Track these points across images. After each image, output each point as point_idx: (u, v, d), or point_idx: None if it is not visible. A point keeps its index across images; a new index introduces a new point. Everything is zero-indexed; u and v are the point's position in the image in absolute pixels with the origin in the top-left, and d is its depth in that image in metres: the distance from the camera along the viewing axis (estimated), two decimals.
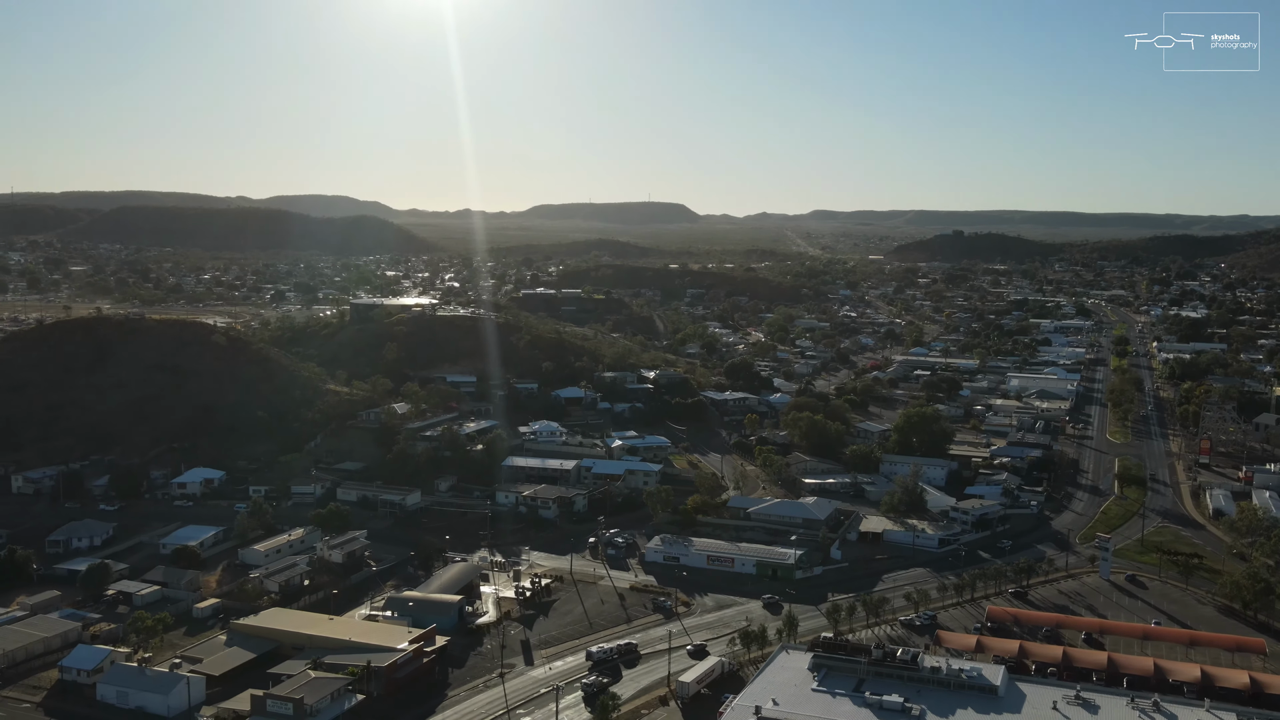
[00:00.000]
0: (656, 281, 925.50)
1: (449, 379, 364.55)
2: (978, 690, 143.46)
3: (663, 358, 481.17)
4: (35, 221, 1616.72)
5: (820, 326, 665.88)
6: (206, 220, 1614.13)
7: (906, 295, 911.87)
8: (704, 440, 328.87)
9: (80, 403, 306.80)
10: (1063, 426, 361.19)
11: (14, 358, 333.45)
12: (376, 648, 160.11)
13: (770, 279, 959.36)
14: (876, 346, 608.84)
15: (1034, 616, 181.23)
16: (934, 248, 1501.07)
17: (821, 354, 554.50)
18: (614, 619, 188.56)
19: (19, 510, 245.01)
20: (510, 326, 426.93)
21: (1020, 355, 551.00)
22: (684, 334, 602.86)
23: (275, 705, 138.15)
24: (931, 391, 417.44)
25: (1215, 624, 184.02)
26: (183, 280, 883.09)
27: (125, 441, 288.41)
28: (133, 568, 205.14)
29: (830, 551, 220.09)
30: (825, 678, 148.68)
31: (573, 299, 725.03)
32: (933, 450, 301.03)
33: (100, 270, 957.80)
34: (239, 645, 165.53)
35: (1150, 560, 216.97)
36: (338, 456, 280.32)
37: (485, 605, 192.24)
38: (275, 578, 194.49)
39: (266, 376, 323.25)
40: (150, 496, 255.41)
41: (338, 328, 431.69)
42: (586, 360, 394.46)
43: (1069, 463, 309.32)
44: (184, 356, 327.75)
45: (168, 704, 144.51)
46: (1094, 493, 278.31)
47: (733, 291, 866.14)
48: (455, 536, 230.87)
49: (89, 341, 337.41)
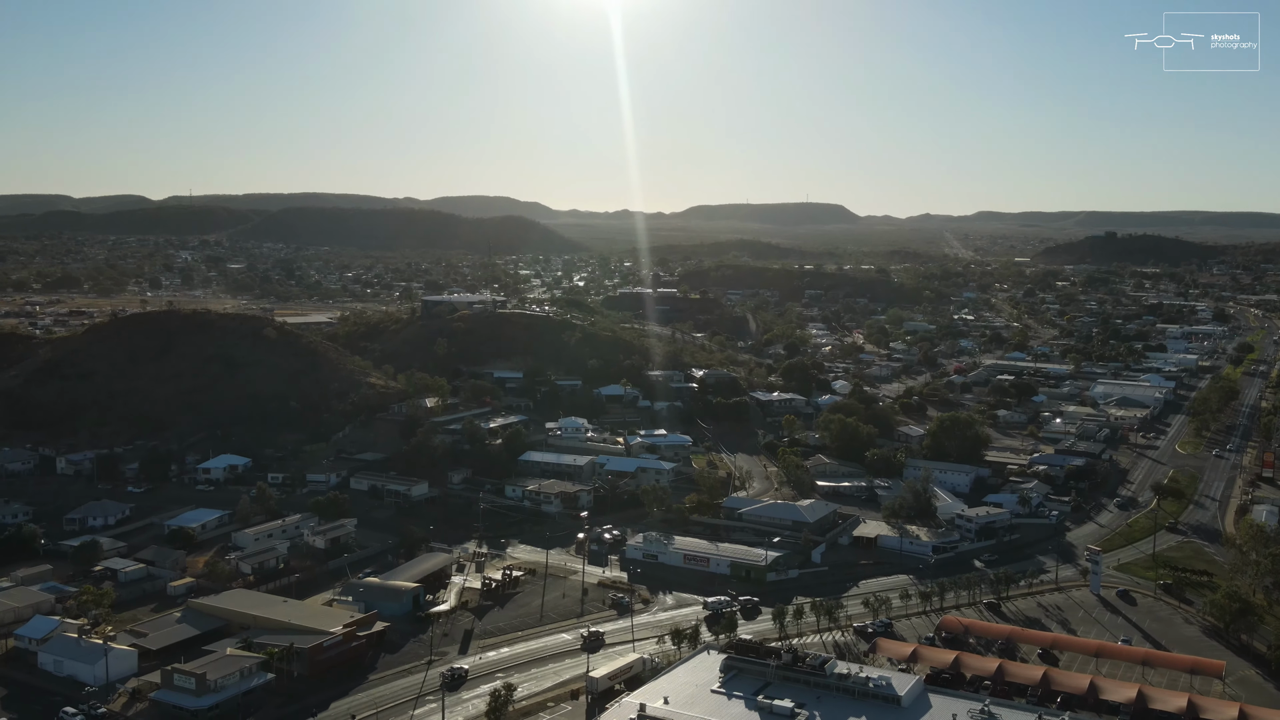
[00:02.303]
0: (777, 282, 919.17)
1: (496, 374, 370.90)
2: (880, 699, 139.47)
3: (730, 358, 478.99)
4: (210, 222, 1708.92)
5: (926, 329, 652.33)
6: (366, 221, 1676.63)
7: (1036, 299, 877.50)
8: (739, 440, 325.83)
9: (139, 391, 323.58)
10: (1125, 435, 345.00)
11: (89, 347, 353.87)
12: (309, 630, 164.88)
13: (893, 281, 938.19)
14: (975, 350, 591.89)
15: (987, 629, 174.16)
16: (1083, 250, 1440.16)
17: (908, 356, 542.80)
18: (568, 613, 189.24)
19: (58, 489, 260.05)
20: (565, 324, 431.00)
21: (1120, 361, 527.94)
22: (770, 334, 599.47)
23: (180, 679, 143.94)
24: (1000, 396, 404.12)
25: (1195, 644, 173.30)
26: (326, 278, 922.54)
27: (171, 428, 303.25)
28: (130, 546, 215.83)
29: (811, 555, 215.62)
30: (732, 680, 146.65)
31: (667, 298, 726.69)
32: (967, 456, 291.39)
33: (254, 268, 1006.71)
34: (188, 623, 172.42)
35: (1151, 576, 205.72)
36: (362, 447, 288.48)
37: (447, 595, 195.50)
38: (250, 560, 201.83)
39: (311, 369, 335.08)
40: (177, 481, 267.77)
41: (407, 323, 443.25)
42: (637, 358, 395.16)
43: (1114, 473, 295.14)
44: (239, 349, 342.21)
45: (94, 673, 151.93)
46: (1128, 505, 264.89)
47: (852, 293, 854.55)
48: (451, 528, 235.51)
49: (157, 334, 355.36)
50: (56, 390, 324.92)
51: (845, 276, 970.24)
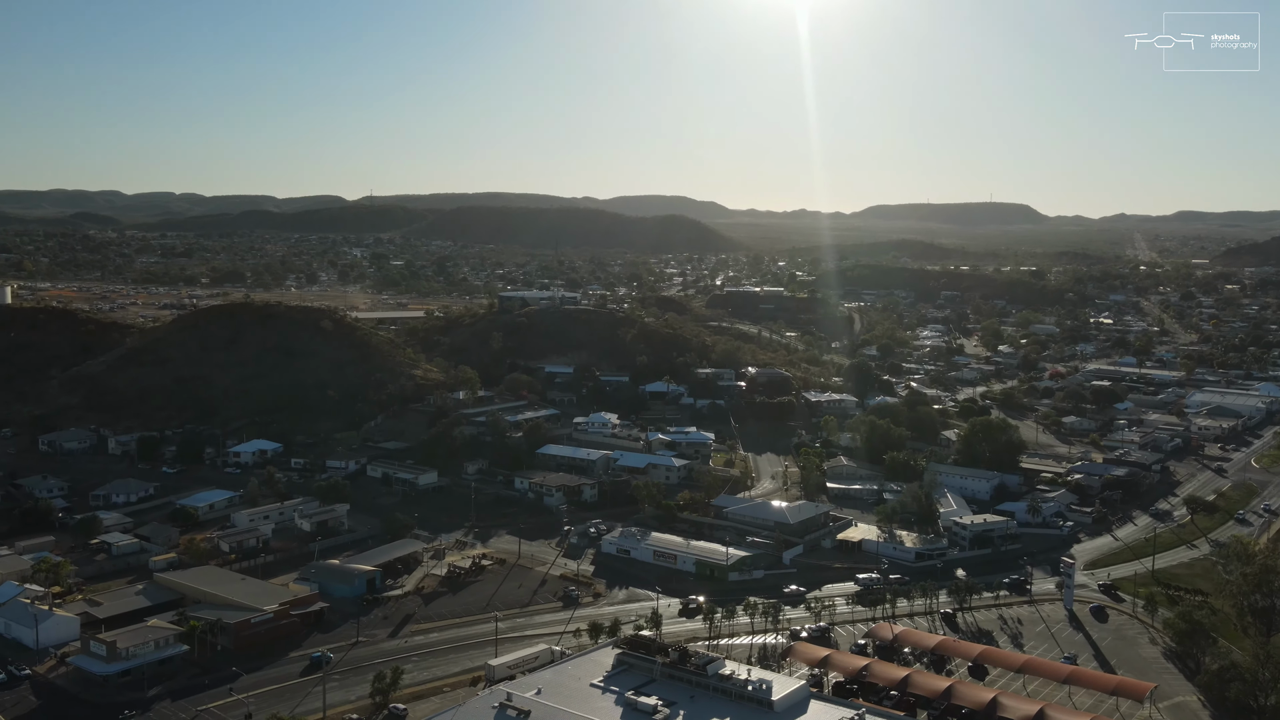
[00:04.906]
0: (912, 283, 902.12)
1: (548, 369, 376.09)
2: (753, 702, 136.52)
3: (810, 357, 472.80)
4: (388, 220, 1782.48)
5: (1051, 332, 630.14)
6: (533, 220, 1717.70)
7: (1192, 302, 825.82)
8: (775, 440, 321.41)
9: (203, 378, 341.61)
10: (1197, 446, 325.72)
11: (168, 336, 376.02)
12: (245, 607, 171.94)
13: (1045, 283, 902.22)
14: (1092, 354, 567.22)
15: (919, 638, 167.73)
16: (1269, 250, 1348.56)
17: (1008, 360, 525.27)
18: (515, 603, 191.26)
19: (103, 467, 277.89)
20: (625, 320, 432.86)
21: (1242, 369, 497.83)
22: (868, 335, 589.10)
23: (95, 646, 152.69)
24: (1076, 402, 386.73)
25: (1148, 666, 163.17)
26: (478, 275, 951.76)
27: (223, 413, 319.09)
28: (138, 523, 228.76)
29: (782, 556, 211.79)
30: (617, 675, 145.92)
31: (772, 297, 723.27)
32: (1000, 462, 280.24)
33: (411, 265, 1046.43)
34: (145, 595, 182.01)
35: (1142, 593, 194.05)
36: (390, 436, 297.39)
37: (407, 580, 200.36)
38: (230, 539, 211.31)
39: (361, 359, 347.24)
40: (210, 463, 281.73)
41: (481, 318, 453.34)
42: (691, 355, 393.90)
43: (1162, 485, 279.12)
44: (298, 339, 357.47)
45: (35, 638, 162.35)
46: (1159, 518, 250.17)
47: (990, 295, 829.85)
48: (449, 517, 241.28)
49: (229, 324, 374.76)
50: (133, 375, 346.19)
51: (984, 278, 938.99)
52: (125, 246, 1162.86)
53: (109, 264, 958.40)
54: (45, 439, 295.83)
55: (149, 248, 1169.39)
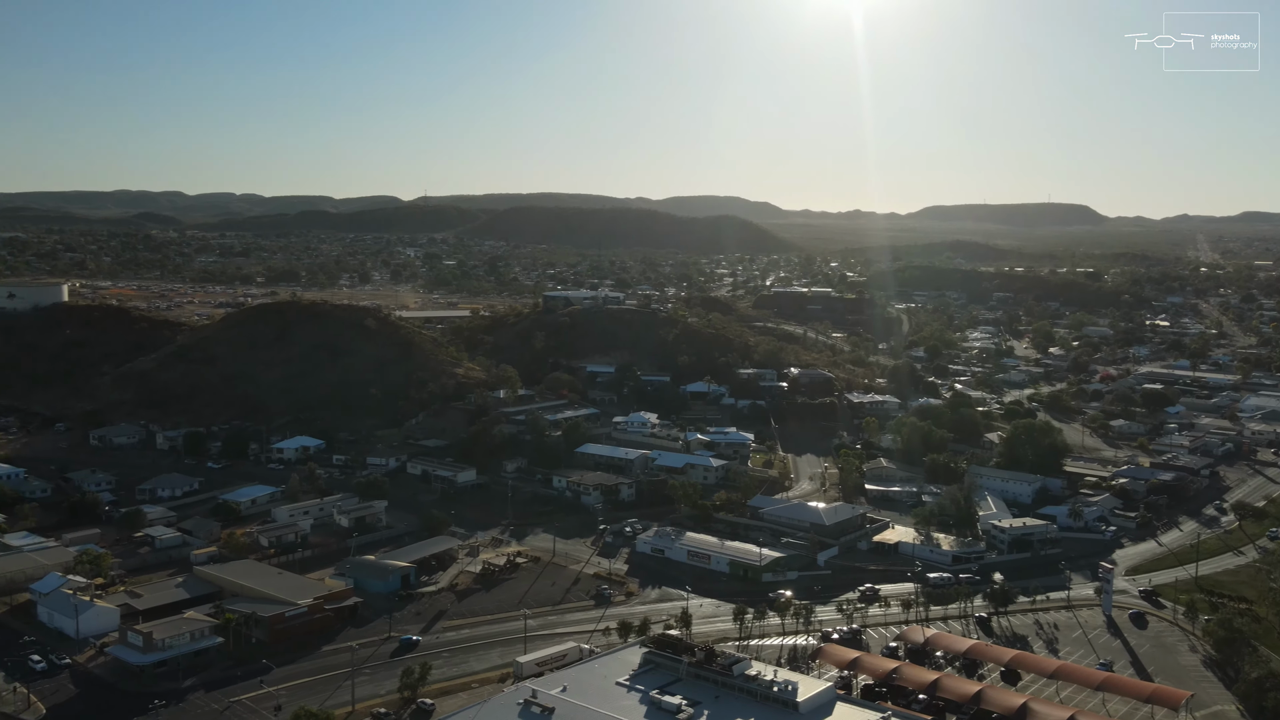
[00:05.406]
0: (965, 284, 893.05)
1: (590, 368, 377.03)
2: (778, 703, 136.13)
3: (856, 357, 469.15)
4: (442, 220, 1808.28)
5: (1105, 334, 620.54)
6: (586, 220, 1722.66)
7: (1253, 305, 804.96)
8: (815, 441, 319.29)
9: (249, 375, 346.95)
10: (1246, 451, 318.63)
11: (217, 334, 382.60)
12: (281, 600, 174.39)
13: (1101, 285, 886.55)
14: (1146, 356, 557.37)
15: (950, 642, 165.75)
16: None
17: (1057, 362, 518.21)
18: (547, 601, 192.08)
19: (151, 462, 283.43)
20: (667, 320, 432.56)
21: None
22: (916, 337, 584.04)
23: (133, 637, 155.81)
24: (1126, 405, 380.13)
25: (1187, 674, 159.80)
26: (528, 275, 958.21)
27: (267, 410, 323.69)
28: (182, 517, 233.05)
29: (817, 557, 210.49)
30: (643, 674, 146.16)
31: (820, 298, 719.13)
32: (1043, 465, 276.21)
33: (463, 265, 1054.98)
34: (185, 588, 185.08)
35: (1183, 600, 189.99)
36: (430, 434, 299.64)
37: (441, 576, 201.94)
38: (269, 534, 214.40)
39: (404, 357, 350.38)
40: (254, 459, 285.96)
41: (526, 317, 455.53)
42: (734, 356, 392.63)
43: (1210, 490, 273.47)
44: (343, 338, 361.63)
45: (76, 628, 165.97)
46: (1208, 524, 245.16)
47: (1044, 296, 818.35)
48: (487, 514, 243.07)
49: (276, 322, 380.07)
50: (182, 372, 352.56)
51: (1038, 279, 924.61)
52: (185, 246, 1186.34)
53: (169, 263, 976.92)
54: (96, 434, 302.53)
55: (208, 247, 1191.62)
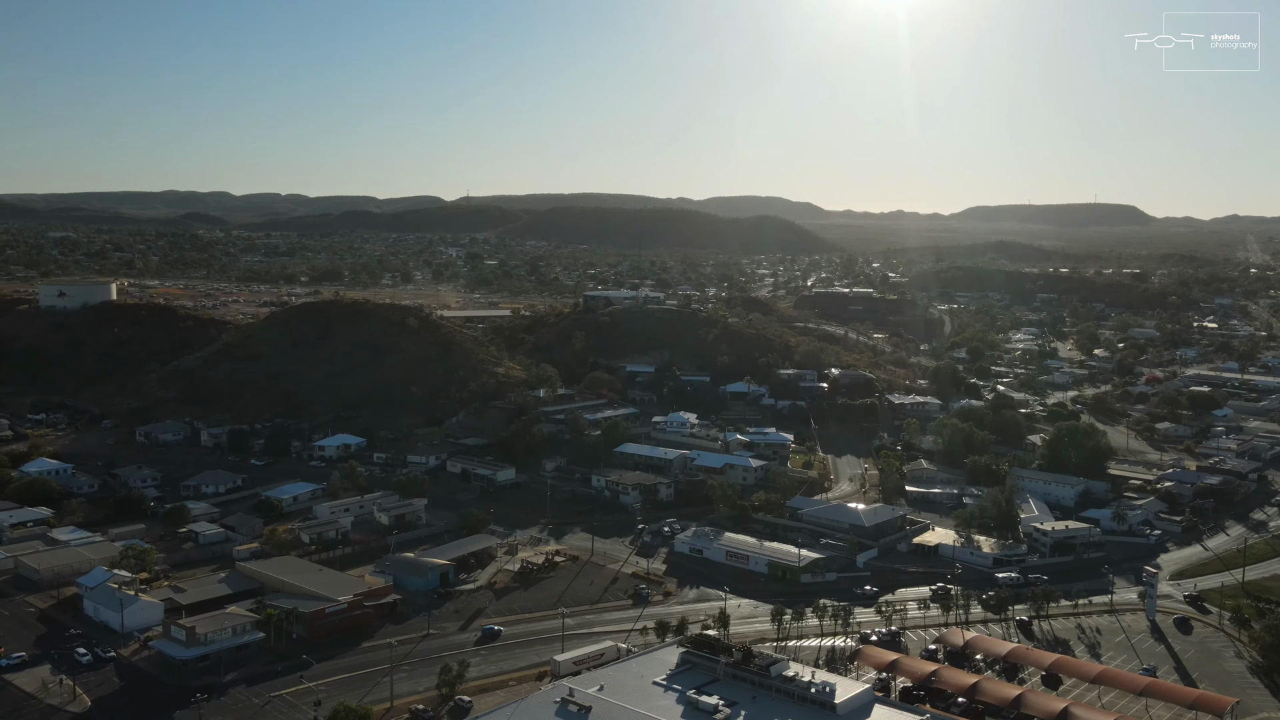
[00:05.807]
0: (1009, 285, 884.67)
1: (629, 368, 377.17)
2: (816, 705, 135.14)
3: (897, 359, 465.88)
4: (484, 221, 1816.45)
5: (1151, 335, 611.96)
6: (627, 220, 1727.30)
7: None
8: (856, 442, 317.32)
9: (293, 373, 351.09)
10: None
11: (261, 333, 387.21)
12: (320, 596, 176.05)
13: (1149, 286, 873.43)
14: (1193, 359, 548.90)
15: (989, 645, 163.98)
16: None
17: (1102, 364, 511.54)
18: (585, 600, 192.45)
19: (196, 459, 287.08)
20: (707, 320, 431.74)
21: None
22: (958, 338, 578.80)
23: (176, 631, 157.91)
24: (1173, 408, 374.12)
25: (1233, 680, 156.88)
26: (569, 275, 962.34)
27: (310, 407, 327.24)
28: (226, 513, 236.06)
29: (856, 559, 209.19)
30: (681, 674, 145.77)
31: (861, 299, 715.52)
32: (1087, 468, 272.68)
33: (504, 264, 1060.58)
34: (227, 584, 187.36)
35: (1229, 605, 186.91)
36: (471, 432, 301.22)
37: (480, 575, 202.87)
38: (310, 531, 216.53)
39: (444, 356, 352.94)
40: (297, 456, 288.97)
41: (566, 316, 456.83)
42: (774, 356, 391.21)
43: (1258, 494, 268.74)
44: (385, 336, 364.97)
45: (121, 621, 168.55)
46: (1255, 528, 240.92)
47: (1089, 297, 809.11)
48: (526, 513, 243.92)
49: (319, 321, 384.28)
50: (227, 370, 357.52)
51: (1083, 280, 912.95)
52: (231, 246, 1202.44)
53: (214, 262, 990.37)
54: (142, 430, 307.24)
55: (253, 247, 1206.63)
